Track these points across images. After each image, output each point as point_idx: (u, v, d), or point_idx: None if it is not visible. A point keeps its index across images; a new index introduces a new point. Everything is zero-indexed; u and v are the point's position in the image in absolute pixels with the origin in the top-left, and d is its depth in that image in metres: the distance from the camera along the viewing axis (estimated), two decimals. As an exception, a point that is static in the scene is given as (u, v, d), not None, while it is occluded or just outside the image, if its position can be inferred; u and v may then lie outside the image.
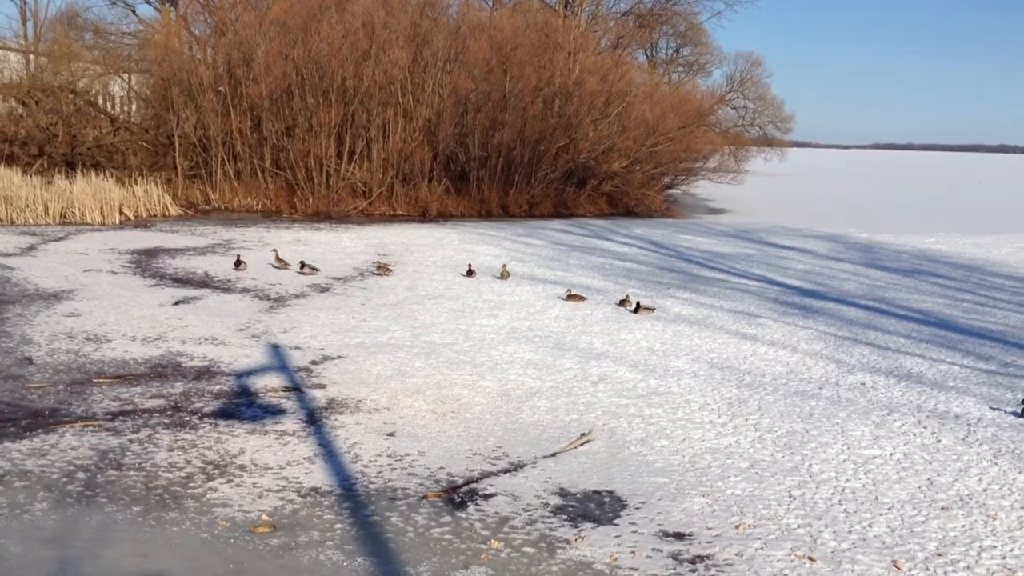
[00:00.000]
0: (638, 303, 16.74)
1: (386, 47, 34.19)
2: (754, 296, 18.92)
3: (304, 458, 8.99)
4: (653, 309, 16.69)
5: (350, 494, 8.15)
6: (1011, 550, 7.15)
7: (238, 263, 19.87)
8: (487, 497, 8.15)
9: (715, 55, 67.19)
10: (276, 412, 10.39)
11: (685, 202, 47.60)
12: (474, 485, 8.42)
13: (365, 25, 34.64)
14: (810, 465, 9.02)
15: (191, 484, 8.25)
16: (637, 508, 7.94)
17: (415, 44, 35.16)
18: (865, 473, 8.82)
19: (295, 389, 11.30)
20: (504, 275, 19.81)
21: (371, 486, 8.35)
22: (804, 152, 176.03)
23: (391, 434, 9.79)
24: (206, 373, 11.89)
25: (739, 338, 14.78)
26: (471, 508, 7.90)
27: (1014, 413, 10.82)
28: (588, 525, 7.59)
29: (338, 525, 7.49)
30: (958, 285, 21.14)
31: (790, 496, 8.21)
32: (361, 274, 20.24)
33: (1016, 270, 23.89)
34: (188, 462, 8.79)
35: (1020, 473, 8.86)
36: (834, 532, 7.44)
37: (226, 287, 18.11)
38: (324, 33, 33.24)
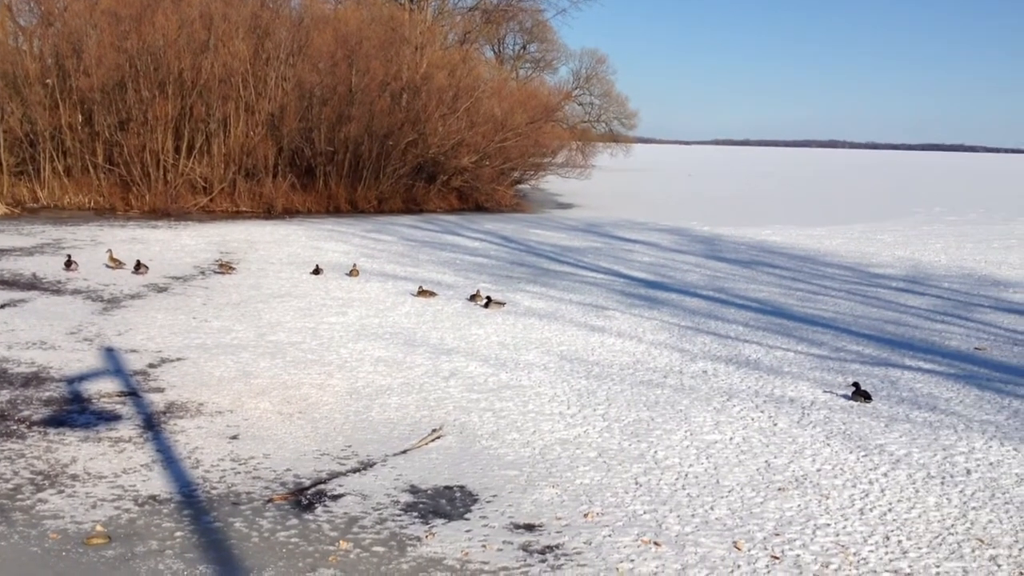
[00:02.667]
0: (489, 298, 16.78)
1: (225, 39, 33.22)
2: (602, 289, 19.27)
3: (141, 465, 8.58)
4: (504, 303, 16.77)
5: (191, 501, 7.83)
6: (844, 527, 7.48)
7: (69, 263, 18.86)
8: (336, 498, 7.97)
9: (561, 52, 68.39)
10: (111, 418, 9.88)
11: (534, 197, 48.13)
12: (322, 486, 8.23)
13: (203, 16, 33.56)
14: (655, 452, 9.21)
15: (19, 496, 7.75)
16: (488, 502, 7.92)
17: (256, 36, 34.31)
18: (707, 458, 9.07)
19: (131, 394, 10.78)
20: (353, 272, 19.53)
21: (213, 491, 8.04)
22: (648, 148, 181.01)
23: (235, 437, 9.46)
24: (34, 379, 11.22)
25: (587, 330, 15.00)
26: (319, 510, 7.71)
27: (844, 396, 11.36)
28: (439, 521, 7.52)
29: (178, 533, 7.17)
30: (792, 275, 22.11)
31: (636, 483, 8.36)
32: (202, 273, 19.56)
33: (845, 260, 25.17)
34: (16, 473, 8.25)
35: (851, 453, 9.30)
36: (678, 516, 7.62)
37: (56, 289, 17.17)
38: (159, 24, 31.98)
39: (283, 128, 33.74)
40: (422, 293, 17.46)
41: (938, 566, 6.79)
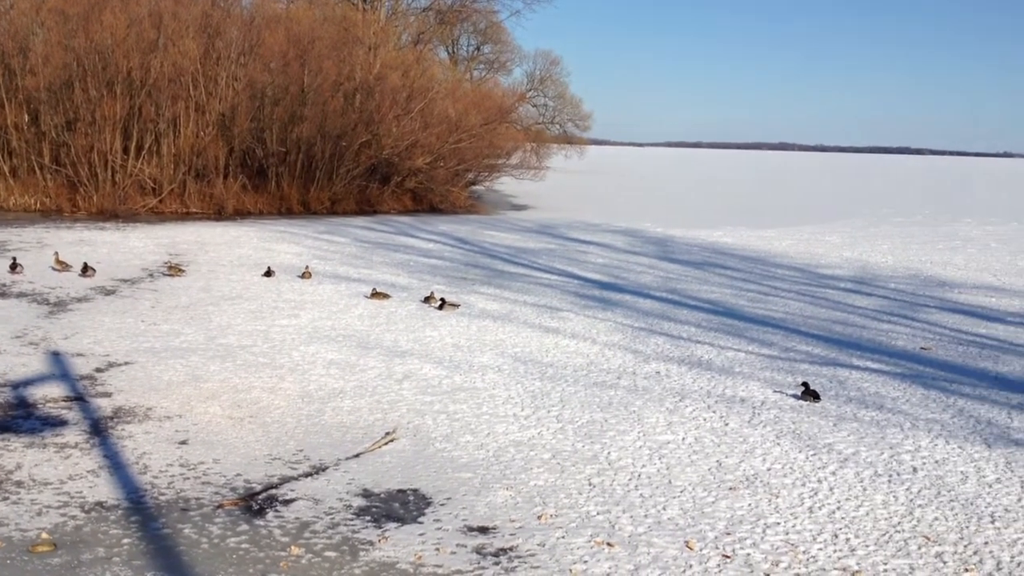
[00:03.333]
0: (443, 299, 16.75)
1: (175, 38, 32.84)
2: (556, 290, 19.31)
3: (88, 471, 8.44)
4: (458, 305, 16.74)
5: (139, 507, 7.71)
6: (793, 526, 7.57)
7: (14, 266, 18.49)
8: (287, 503, 7.90)
9: (515, 53, 68.44)
10: (57, 424, 9.70)
11: (489, 198, 48.15)
12: (273, 491, 8.15)
13: (152, 15, 33.14)
14: (609, 453, 9.25)
15: (-41, 506, 7.58)
16: (442, 505, 7.90)
17: (207, 35, 33.94)
18: (660, 458, 9.13)
19: (78, 399, 10.60)
20: (305, 274, 19.38)
21: (162, 497, 7.93)
22: (602, 150, 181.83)
23: (184, 442, 9.34)
24: (-23, 385, 10.98)
25: (542, 332, 15.03)
26: (270, 515, 7.64)
27: (794, 396, 11.50)
28: (392, 525, 7.48)
29: (125, 540, 7.06)
30: (744, 276, 22.33)
31: (590, 484, 8.40)
32: (151, 275, 19.30)
33: (795, 261, 25.49)
34: (-45, 482, 8.07)
35: (800, 452, 9.41)
36: (631, 517, 7.66)
37: (1, 292, 16.83)
38: (107, 22, 31.45)
39: (234, 128, 33.39)
40: (376, 295, 17.37)
41: (885, 563, 6.90)
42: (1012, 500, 8.20)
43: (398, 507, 7.87)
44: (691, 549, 7.06)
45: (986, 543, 7.28)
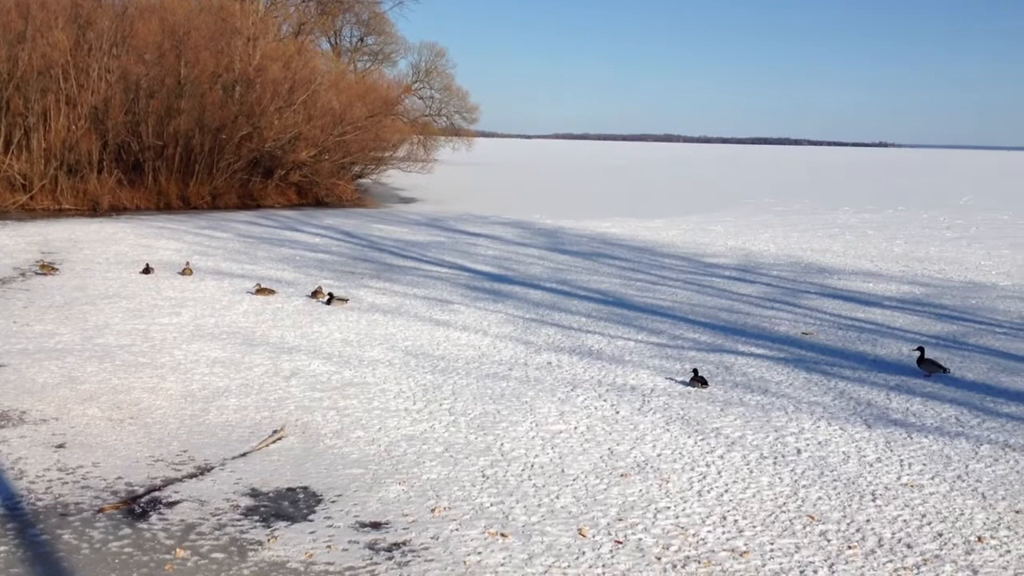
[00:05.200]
0: (331, 294, 16.48)
1: (44, 28, 31.45)
2: (446, 283, 19.22)
3: (-46, 482, 7.98)
4: (346, 300, 16.49)
5: (15, 513, 7.32)
6: (683, 510, 7.68)
7: None
8: (171, 505, 7.62)
9: (400, 45, 67.73)
10: (-82, 433, 9.15)
11: (376, 191, 47.70)
12: (156, 493, 7.85)
13: (19, 4, 31.71)
14: (502, 444, 9.23)
15: None
16: (333, 501, 7.74)
17: (77, 26, 32.66)
18: (552, 448, 9.15)
19: (-58, 405, 10.02)
20: (186, 271, 18.81)
21: (39, 503, 7.55)
22: (490, 142, 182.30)
23: (61, 446, 8.92)
24: None
25: (433, 325, 14.92)
26: (154, 518, 7.35)
27: (683, 382, 11.69)
28: (282, 524, 7.29)
29: (2, 548, 6.70)
30: (632, 266, 22.65)
31: (483, 476, 8.35)
32: (22, 275, 18.44)
33: (681, 250, 25.99)
34: None
35: (689, 437, 9.57)
36: (524, 507, 7.65)
37: None
38: (-31, 12, 29.95)
39: (108, 122, 32.25)
40: (260, 291, 16.97)
41: (772, 543, 7.05)
42: (892, 478, 8.50)
43: (287, 506, 7.68)
44: (584, 536, 7.09)
45: (868, 521, 7.51)
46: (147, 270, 18.82)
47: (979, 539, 7.18)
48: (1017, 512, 7.73)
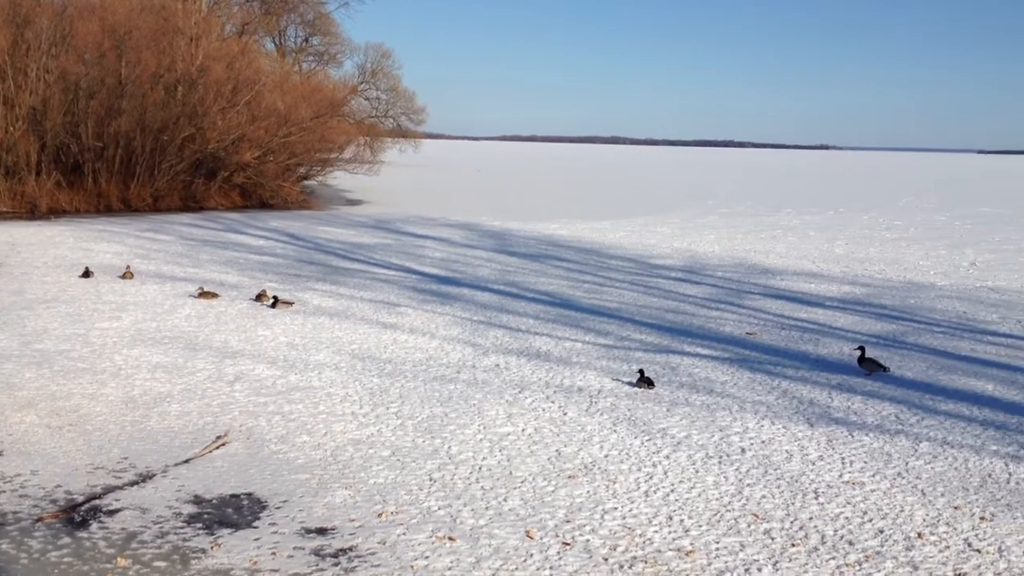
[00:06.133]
0: (275, 297, 16.30)
1: (-20, 27, 30.68)
2: (394, 285, 19.12)
3: None
4: (292, 303, 16.32)
5: (-55, 528, 7.13)
6: (630, 510, 7.71)
7: None
8: (112, 513, 7.47)
9: (345, 45, 67.11)
10: None
11: (322, 193, 47.32)
12: (97, 502, 7.69)
13: (-47, 3, 30.89)
14: (449, 447, 9.19)
15: None
16: (278, 508, 7.65)
17: (15, 25, 31.94)
18: (500, 450, 9.14)
19: None
20: (127, 274, 18.48)
21: (-28, 515, 7.36)
22: (437, 143, 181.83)
23: (-4, 455, 8.71)
24: None
25: (380, 328, 14.83)
26: (94, 526, 7.20)
27: (630, 383, 11.75)
28: (225, 531, 7.18)
29: (-71, 565, 6.52)
30: (579, 267, 22.74)
31: (431, 479, 8.31)
32: (-43, 278, 17.96)
33: (628, 252, 26.15)
34: None
35: (636, 438, 9.62)
36: (472, 510, 7.62)
37: None
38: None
39: (46, 123, 31.58)
40: (203, 294, 16.74)
41: (717, 542, 7.11)
42: (834, 476, 8.62)
43: (231, 512, 7.57)
44: (531, 538, 7.09)
45: (811, 518, 7.61)
46: (87, 274, 18.45)
47: (919, 535, 7.31)
48: (956, 508, 7.88)
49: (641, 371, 11.78)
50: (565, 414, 10.40)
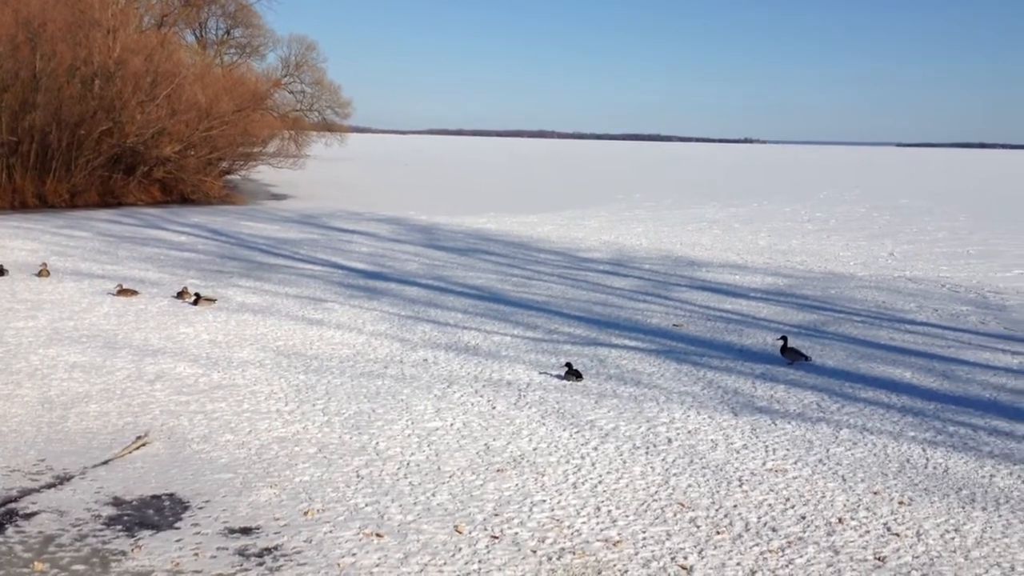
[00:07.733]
0: (197, 294, 15.99)
1: None
2: (320, 281, 18.90)
3: None
4: (214, 300, 16.03)
5: None
6: (558, 502, 7.73)
7: None
8: (28, 516, 7.24)
9: (268, 38, 65.99)
10: None
11: (246, 188, 46.59)
12: (12, 505, 7.45)
13: None
14: (377, 443, 9.12)
15: None
16: (200, 508, 7.49)
17: (-79, 15, 30.75)
18: (428, 445, 9.10)
19: None
20: (43, 272, 17.96)
21: None
22: (363, 137, 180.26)
23: (-98, 461, 8.38)
24: None
25: (306, 324, 14.65)
26: (10, 530, 6.97)
27: (558, 376, 11.79)
28: (146, 533, 7.02)
29: None
30: (508, 261, 22.75)
31: (358, 476, 8.23)
32: None
33: (556, 245, 26.25)
34: None
35: (564, 431, 9.65)
36: (400, 506, 7.57)
37: None
38: None
39: (-43, 116, 30.51)
40: (122, 292, 16.34)
41: (644, 532, 7.17)
42: (758, 464, 8.77)
43: (152, 514, 7.39)
44: (460, 533, 7.07)
45: (735, 506, 7.72)
46: (1, 272, 17.88)
47: (840, 520, 7.47)
48: (875, 493, 8.07)
49: (569, 364, 11.82)
50: (494, 408, 10.39)
